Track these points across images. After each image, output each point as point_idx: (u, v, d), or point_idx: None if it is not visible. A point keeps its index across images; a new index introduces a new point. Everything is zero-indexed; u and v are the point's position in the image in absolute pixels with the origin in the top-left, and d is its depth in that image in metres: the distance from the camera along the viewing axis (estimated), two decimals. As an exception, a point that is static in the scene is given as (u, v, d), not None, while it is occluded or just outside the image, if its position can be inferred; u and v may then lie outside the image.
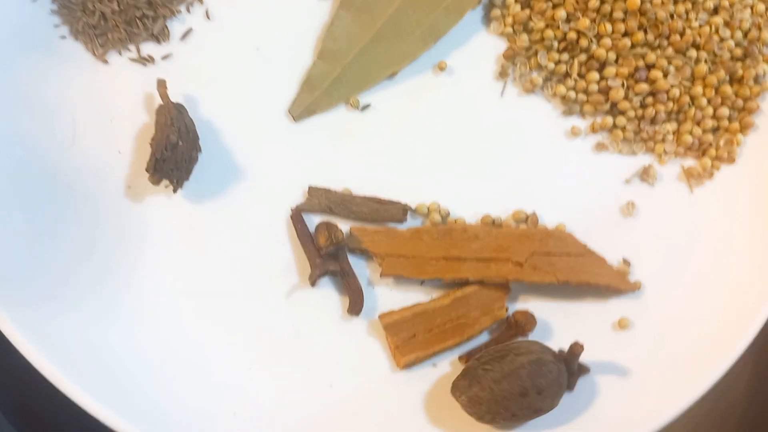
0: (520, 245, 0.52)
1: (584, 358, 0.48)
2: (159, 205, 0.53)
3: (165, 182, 0.52)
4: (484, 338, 0.52)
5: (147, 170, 0.51)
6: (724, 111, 0.56)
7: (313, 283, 0.51)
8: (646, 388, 0.50)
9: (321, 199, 0.53)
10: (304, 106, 0.56)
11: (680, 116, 0.56)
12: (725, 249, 0.53)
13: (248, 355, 0.51)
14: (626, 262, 0.53)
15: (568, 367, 0.48)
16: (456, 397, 0.47)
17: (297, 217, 0.53)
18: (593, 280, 0.52)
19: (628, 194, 0.55)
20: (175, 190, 0.52)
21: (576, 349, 0.47)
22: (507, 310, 0.52)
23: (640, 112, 0.56)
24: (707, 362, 0.50)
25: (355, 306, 0.51)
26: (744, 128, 0.56)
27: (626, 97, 0.56)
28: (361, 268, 0.53)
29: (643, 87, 0.56)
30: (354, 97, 0.56)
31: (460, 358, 0.51)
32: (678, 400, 0.48)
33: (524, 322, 0.51)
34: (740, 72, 0.56)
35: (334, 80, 0.56)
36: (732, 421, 0.66)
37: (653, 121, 0.56)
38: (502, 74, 0.58)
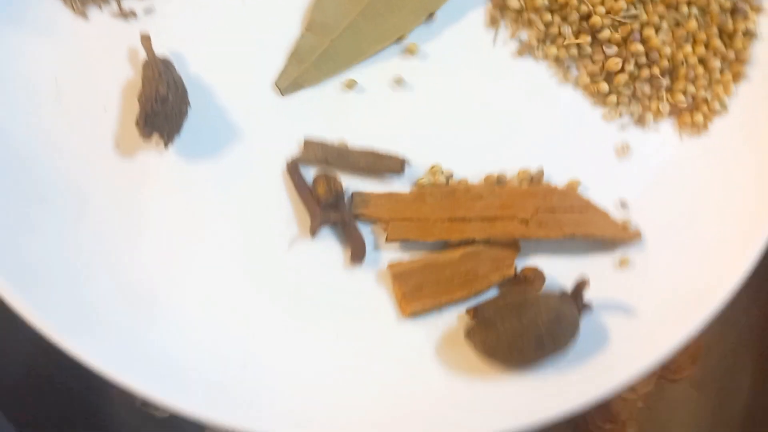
0: (525, 202, 0.52)
1: (588, 298, 0.48)
2: (150, 162, 0.51)
3: (155, 138, 0.50)
4: (492, 294, 0.51)
5: (137, 124, 0.49)
6: (716, 64, 0.56)
7: (313, 234, 0.50)
8: (649, 321, 0.50)
9: (317, 151, 0.52)
10: (291, 80, 0.54)
11: (673, 75, 0.56)
12: (720, 187, 0.54)
13: (252, 310, 0.49)
14: (623, 204, 0.53)
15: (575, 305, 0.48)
16: (470, 343, 0.48)
17: (293, 168, 0.51)
18: (598, 232, 0.52)
19: (623, 139, 0.55)
20: (166, 145, 0.50)
21: (581, 285, 0.47)
22: (516, 268, 0.51)
23: (636, 72, 0.56)
24: (706, 294, 0.50)
25: (357, 255, 0.50)
26: (736, 78, 0.56)
27: (622, 68, 0.55)
28: (366, 233, 0.51)
29: (638, 47, 0.55)
30: (349, 77, 0.55)
31: (468, 311, 0.49)
32: (683, 329, 0.49)
33: (533, 278, 0.50)
34: (731, 26, 0.56)
35: (322, 54, 0.55)
36: (734, 419, 0.65)
37: (649, 82, 0.55)
38: (493, 22, 0.56)
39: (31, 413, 0.61)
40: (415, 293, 0.49)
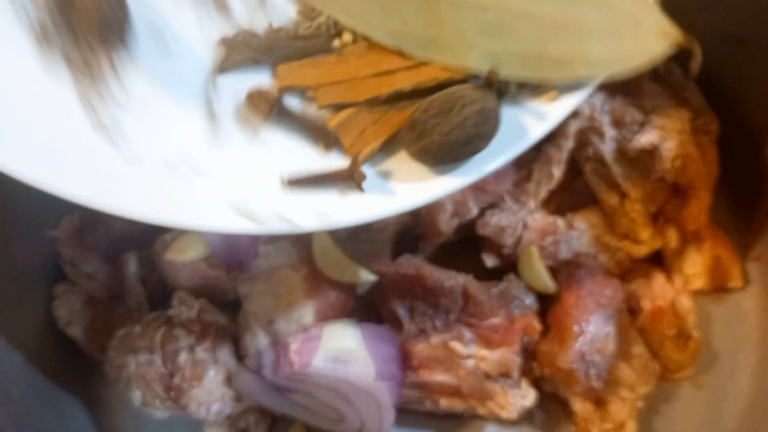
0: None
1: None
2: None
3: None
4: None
5: None
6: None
7: (359, 184, 0.50)
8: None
9: (243, 51, 0.52)
10: None
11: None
12: None
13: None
14: None
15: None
16: (405, 148, 0.49)
17: (281, 108, 0.52)
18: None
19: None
20: None
21: (493, 72, 0.49)
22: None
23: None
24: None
25: (331, 142, 0.51)
26: None
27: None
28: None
29: None
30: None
31: None
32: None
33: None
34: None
35: None
36: (734, 419, 0.65)
37: None
38: None
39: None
40: (361, 139, 0.50)
